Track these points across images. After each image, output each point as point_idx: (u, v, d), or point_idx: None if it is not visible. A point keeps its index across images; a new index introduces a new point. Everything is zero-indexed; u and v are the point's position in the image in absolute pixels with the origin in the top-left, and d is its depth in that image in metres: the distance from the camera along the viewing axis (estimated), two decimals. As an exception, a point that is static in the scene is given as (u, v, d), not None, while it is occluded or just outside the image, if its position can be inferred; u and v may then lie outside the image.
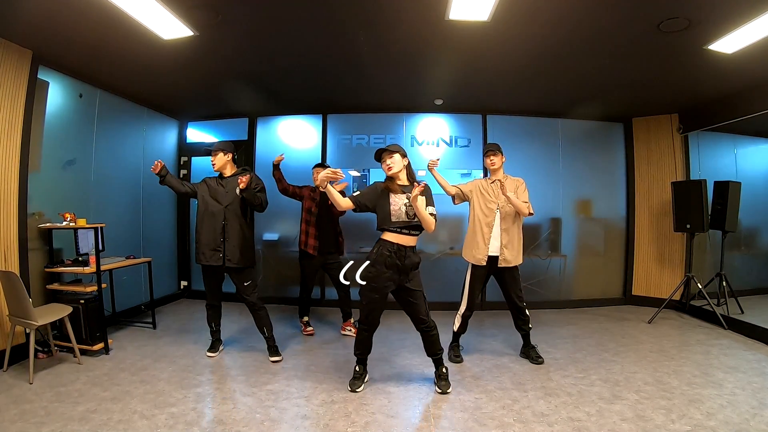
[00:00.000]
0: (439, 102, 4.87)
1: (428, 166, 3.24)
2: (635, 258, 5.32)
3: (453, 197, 3.39)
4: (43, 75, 3.43)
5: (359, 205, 2.66)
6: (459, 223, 5.09)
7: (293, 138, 5.36)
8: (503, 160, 3.30)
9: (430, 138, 5.20)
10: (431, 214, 2.62)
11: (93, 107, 4.07)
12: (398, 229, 2.62)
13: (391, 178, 2.72)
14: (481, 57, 3.50)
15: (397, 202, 2.63)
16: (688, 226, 4.48)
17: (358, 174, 5.33)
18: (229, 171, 3.34)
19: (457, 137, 5.21)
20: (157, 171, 3.25)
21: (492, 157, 3.27)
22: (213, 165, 3.30)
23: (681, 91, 4.30)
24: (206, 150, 3.38)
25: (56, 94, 3.63)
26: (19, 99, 3.21)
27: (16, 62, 3.17)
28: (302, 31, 3.08)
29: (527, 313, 3.30)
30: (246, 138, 5.36)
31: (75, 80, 3.82)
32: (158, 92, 4.57)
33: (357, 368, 2.87)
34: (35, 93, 3.34)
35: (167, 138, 5.34)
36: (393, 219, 2.61)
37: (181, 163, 5.54)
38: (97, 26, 2.90)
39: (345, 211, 3.99)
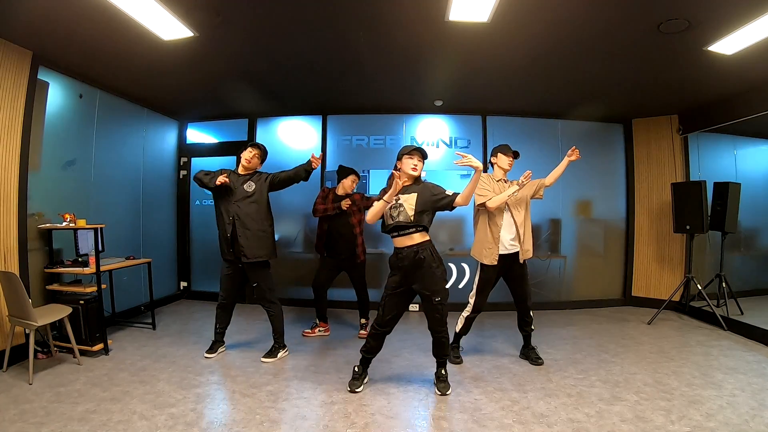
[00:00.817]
0: (438, 103, 4.87)
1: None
2: (635, 259, 5.32)
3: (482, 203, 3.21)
4: (43, 75, 3.43)
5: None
6: (458, 224, 5.10)
7: (293, 139, 5.36)
8: None
9: (430, 139, 5.20)
10: (454, 193, 2.65)
11: (93, 108, 4.07)
12: (390, 233, 2.72)
13: (394, 177, 2.74)
14: (481, 58, 3.50)
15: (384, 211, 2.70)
16: (688, 227, 4.48)
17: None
18: (252, 168, 3.36)
19: (457, 138, 5.21)
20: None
21: (512, 159, 3.24)
22: (247, 160, 3.30)
23: (681, 92, 4.30)
24: (252, 142, 3.36)
25: (56, 95, 3.63)
26: (19, 99, 3.21)
27: (17, 63, 3.18)
28: (302, 32, 3.08)
29: (531, 314, 3.30)
30: (246, 139, 5.35)
31: (75, 81, 3.83)
32: (158, 93, 4.57)
33: (356, 368, 2.87)
34: (35, 93, 3.34)
35: (167, 138, 5.34)
36: (384, 226, 2.74)
37: (181, 163, 5.55)
38: (98, 27, 2.91)
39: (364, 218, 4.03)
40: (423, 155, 2.73)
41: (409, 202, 2.65)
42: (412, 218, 2.63)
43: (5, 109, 3.11)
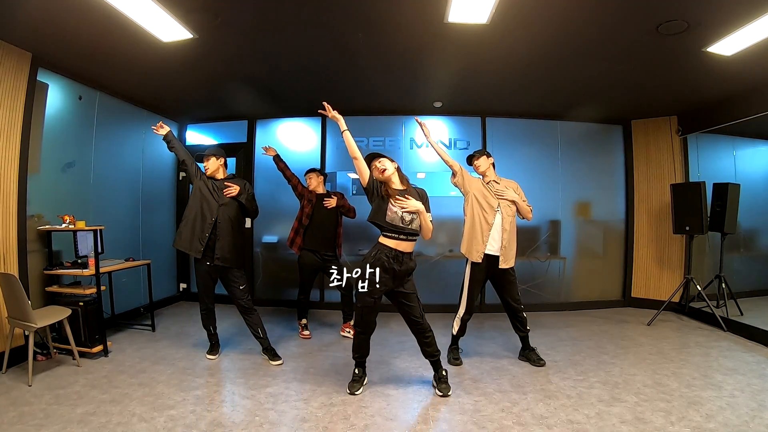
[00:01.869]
0: (438, 104, 4.87)
1: (425, 134, 3.27)
2: (634, 260, 5.32)
3: (454, 173, 3.30)
4: (42, 77, 3.43)
5: (370, 180, 2.69)
6: (458, 225, 5.07)
7: (293, 140, 5.37)
8: (490, 161, 3.35)
9: (430, 140, 5.21)
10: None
11: (92, 109, 4.07)
12: (397, 235, 2.62)
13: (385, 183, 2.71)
14: (480, 60, 3.50)
15: (394, 206, 2.62)
16: (688, 228, 4.49)
17: (357, 177, 5.33)
18: (221, 175, 3.41)
19: (457, 140, 5.21)
20: (158, 132, 3.34)
21: (475, 162, 3.34)
22: (206, 170, 3.36)
23: (680, 94, 4.31)
24: (198, 155, 3.44)
25: (56, 97, 3.63)
26: (18, 101, 3.21)
27: (16, 64, 3.18)
28: (301, 34, 3.09)
29: (524, 315, 3.30)
30: (245, 140, 5.36)
31: (74, 82, 3.83)
32: (157, 94, 4.57)
33: (356, 371, 2.86)
34: (35, 95, 3.34)
35: (167, 140, 5.35)
36: (387, 219, 2.61)
37: (180, 165, 5.53)
38: (97, 29, 2.91)
39: (350, 214, 4.04)
40: (379, 155, 2.72)
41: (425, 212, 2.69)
42: (419, 228, 2.68)
43: (5, 110, 3.12)
